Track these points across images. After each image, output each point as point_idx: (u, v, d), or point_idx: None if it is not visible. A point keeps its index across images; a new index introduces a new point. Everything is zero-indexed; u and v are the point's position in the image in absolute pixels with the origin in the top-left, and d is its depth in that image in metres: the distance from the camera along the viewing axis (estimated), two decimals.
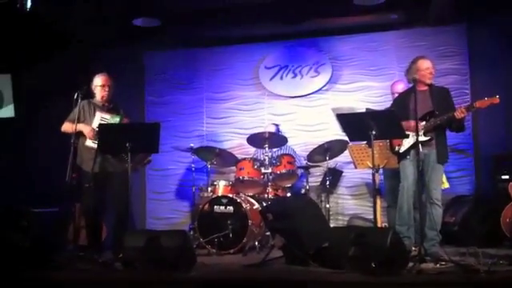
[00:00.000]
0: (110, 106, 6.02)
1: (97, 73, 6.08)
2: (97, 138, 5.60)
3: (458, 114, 5.21)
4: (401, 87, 6.36)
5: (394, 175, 6.01)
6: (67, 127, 5.83)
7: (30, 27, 6.97)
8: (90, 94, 6.01)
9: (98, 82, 5.99)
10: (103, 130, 5.50)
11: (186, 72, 8.55)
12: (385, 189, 6.46)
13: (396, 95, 6.34)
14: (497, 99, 5.12)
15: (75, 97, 5.64)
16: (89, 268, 5.03)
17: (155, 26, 7.56)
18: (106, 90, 5.97)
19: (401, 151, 5.53)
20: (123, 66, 7.87)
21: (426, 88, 5.48)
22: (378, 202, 6.28)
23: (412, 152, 5.44)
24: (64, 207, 6.77)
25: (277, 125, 7.75)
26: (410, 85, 5.54)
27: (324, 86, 8.08)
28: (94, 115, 5.84)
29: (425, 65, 5.46)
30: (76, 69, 7.50)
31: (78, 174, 5.91)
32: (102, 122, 5.74)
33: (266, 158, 6.94)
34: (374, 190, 5.68)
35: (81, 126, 5.77)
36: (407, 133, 5.30)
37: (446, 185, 6.33)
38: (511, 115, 5.95)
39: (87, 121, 5.88)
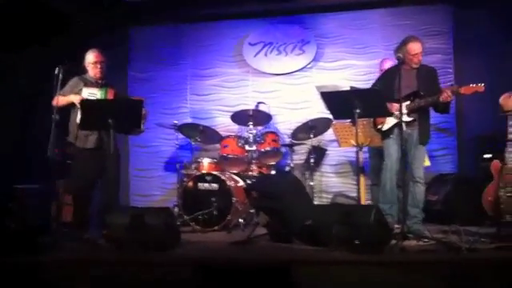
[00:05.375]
0: (102, 83, 5.92)
1: (87, 49, 5.95)
2: None
3: (443, 98, 5.21)
4: (389, 65, 6.33)
5: (379, 153, 6.03)
6: (56, 101, 5.63)
7: (17, 5, 6.85)
8: (78, 70, 5.91)
9: (90, 58, 5.88)
10: (85, 106, 5.42)
11: (169, 48, 8.47)
12: (369, 167, 6.49)
13: None
14: (482, 87, 5.12)
15: (56, 72, 5.50)
16: (74, 245, 5.01)
17: (139, 0, 7.46)
18: (99, 66, 5.87)
19: (383, 129, 5.55)
20: (107, 41, 7.76)
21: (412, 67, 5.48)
22: (362, 179, 6.33)
23: (395, 131, 5.45)
24: (47, 184, 6.72)
25: (265, 103, 7.70)
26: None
27: (309, 63, 8.06)
28: (81, 92, 5.75)
29: (414, 50, 5.39)
30: (60, 43, 7.38)
31: (61, 150, 5.85)
32: (91, 97, 5.67)
33: (251, 135, 6.94)
34: (358, 168, 5.72)
35: (71, 97, 5.70)
36: (391, 112, 5.32)
37: (427, 163, 6.35)
38: (495, 95, 5.97)
39: None
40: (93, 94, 5.72)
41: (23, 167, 7.17)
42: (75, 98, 5.69)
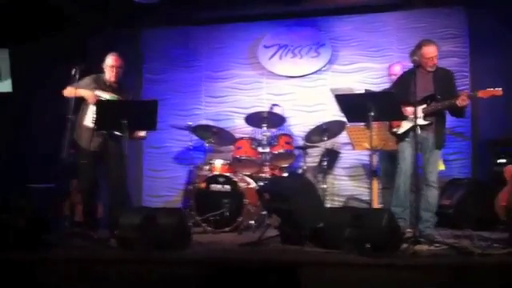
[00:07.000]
0: (115, 86, 5.95)
1: (107, 51, 6.00)
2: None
3: (460, 102, 5.18)
4: (398, 69, 6.37)
5: (388, 157, 6.02)
6: (68, 92, 5.72)
7: (28, 2, 6.92)
8: (90, 70, 5.95)
9: (109, 62, 5.93)
10: (100, 106, 5.46)
11: (184, 50, 8.50)
12: (380, 170, 6.47)
13: (393, 77, 6.34)
14: (500, 91, 5.09)
15: (73, 73, 5.57)
16: (84, 245, 5.03)
17: (154, 2, 7.48)
18: (114, 71, 5.91)
19: (399, 132, 5.52)
20: (121, 43, 7.81)
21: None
22: (375, 183, 6.29)
23: (411, 134, 5.43)
24: (60, 183, 6.77)
25: (279, 106, 7.71)
26: (408, 67, 5.50)
27: (323, 66, 8.04)
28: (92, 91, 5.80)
29: (429, 53, 5.37)
30: (75, 45, 7.45)
31: (75, 150, 5.89)
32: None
33: (264, 137, 6.94)
34: (371, 172, 5.68)
35: (82, 91, 5.72)
36: (406, 115, 5.29)
37: (442, 167, 6.32)
38: (510, 100, 5.92)
39: None
40: (102, 98, 5.75)
41: (38, 166, 7.25)
42: (88, 94, 5.73)
